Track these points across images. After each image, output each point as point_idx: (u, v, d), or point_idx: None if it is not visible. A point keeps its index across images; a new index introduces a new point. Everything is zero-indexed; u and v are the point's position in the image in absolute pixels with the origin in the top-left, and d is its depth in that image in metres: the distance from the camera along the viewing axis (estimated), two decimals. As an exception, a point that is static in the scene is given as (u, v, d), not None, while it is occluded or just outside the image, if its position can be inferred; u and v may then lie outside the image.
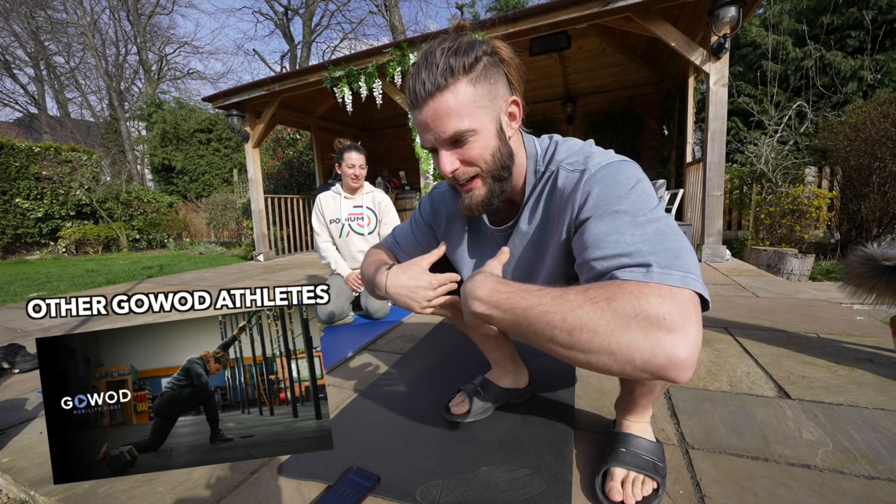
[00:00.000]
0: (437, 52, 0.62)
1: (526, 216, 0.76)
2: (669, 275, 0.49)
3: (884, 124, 3.43)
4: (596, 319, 0.47)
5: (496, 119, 0.66)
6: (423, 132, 0.67)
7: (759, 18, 6.68)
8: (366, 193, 2.23)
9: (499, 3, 10.63)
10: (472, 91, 0.63)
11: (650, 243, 0.53)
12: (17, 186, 7.63)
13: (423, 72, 0.62)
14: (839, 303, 2.06)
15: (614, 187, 0.60)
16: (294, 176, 7.97)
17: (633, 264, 0.52)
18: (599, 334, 0.46)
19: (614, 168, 0.62)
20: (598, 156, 0.66)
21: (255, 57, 30.36)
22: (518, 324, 0.53)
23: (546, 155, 0.74)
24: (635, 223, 0.56)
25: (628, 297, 0.47)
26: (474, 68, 0.63)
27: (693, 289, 0.49)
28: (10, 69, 16.08)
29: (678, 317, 0.45)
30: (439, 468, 0.82)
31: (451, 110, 0.62)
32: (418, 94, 0.63)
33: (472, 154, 0.66)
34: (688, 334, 0.45)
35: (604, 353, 0.47)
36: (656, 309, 0.46)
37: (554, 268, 0.74)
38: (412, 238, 0.97)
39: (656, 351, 0.45)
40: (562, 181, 0.67)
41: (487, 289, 0.57)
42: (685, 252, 0.53)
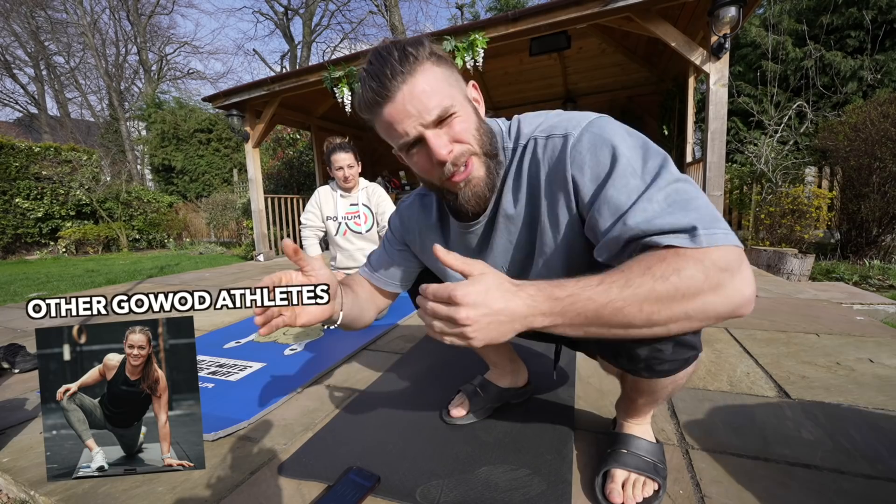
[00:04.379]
0: (387, 47, 0.60)
1: (509, 198, 0.70)
2: (714, 234, 0.50)
3: (884, 124, 3.43)
4: (671, 296, 0.47)
5: (467, 98, 0.64)
6: (401, 122, 0.60)
7: (759, 18, 6.68)
8: (361, 190, 2.21)
9: (499, 3, 10.64)
10: (439, 70, 0.61)
11: (678, 204, 0.53)
12: (17, 186, 7.63)
13: (383, 67, 0.58)
14: (839, 303, 2.06)
15: (607, 148, 0.58)
16: (294, 176, 7.97)
17: (678, 228, 0.51)
18: (676, 306, 0.48)
19: (597, 128, 0.60)
20: (569, 117, 0.63)
21: (255, 57, 30.43)
22: (587, 326, 0.50)
23: (511, 131, 0.70)
24: (649, 184, 0.55)
25: (693, 262, 0.48)
26: (432, 53, 0.61)
27: (735, 244, 0.51)
28: (10, 69, 16.09)
29: (735, 262, 0.49)
30: (439, 468, 0.82)
31: (429, 88, 0.59)
32: (387, 84, 0.58)
33: (459, 129, 0.61)
34: (745, 275, 0.49)
35: (683, 321, 0.49)
36: (719, 263, 0.48)
37: (551, 252, 0.69)
38: (387, 259, 0.90)
39: (727, 301, 0.49)
40: (541, 151, 0.64)
41: (541, 300, 0.50)
42: (710, 205, 0.54)
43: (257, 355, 1.58)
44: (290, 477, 0.82)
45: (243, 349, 1.68)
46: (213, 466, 0.87)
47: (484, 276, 0.50)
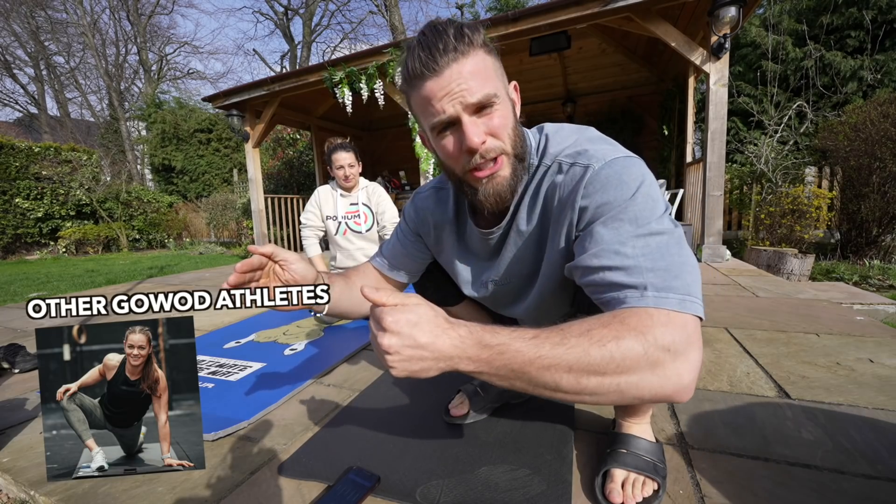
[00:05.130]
0: (443, 24, 0.58)
1: (524, 215, 0.71)
2: (666, 298, 0.49)
3: (884, 124, 3.43)
4: (604, 364, 0.45)
5: (508, 96, 0.64)
6: (442, 98, 0.57)
7: (759, 18, 6.68)
8: (361, 189, 2.21)
9: (499, 3, 10.63)
10: (490, 59, 0.60)
11: (650, 258, 0.52)
12: (17, 186, 7.63)
13: (437, 40, 0.56)
14: (839, 303, 2.06)
15: (620, 189, 0.57)
16: (294, 176, 7.98)
17: (629, 284, 0.51)
18: (608, 377, 0.46)
19: (619, 167, 0.59)
20: (598, 148, 0.62)
21: (255, 57, 30.39)
22: (513, 379, 0.48)
23: (539, 148, 0.70)
24: (638, 234, 0.54)
25: (634, 335, 0.46)
26: (486, 42, 0.60)
27: (692, 313, 0.49)
28: (10, 69, 16.09)
29: (681, 343, 0.47)
30: (439, 468, 0.82)
31: (478, 72, 0.57)
32: (437, 58, 0.56)
33: (497, 123, 0.60)
34: (690, 360, 0.47)
35: (613, 394, 0.47)
36: (662, 341, 0.46)
37: (551, 274, 0.71)
38: (400, 248, 0.92)
39: (664, 382, 0.46)
40: (561, 177, 0.64)
41: (470, 343, 0.47)
42: (686, 269, 0.52)
43: (257, 355, 1.58)
44: (290, 477, 0.82)
45: (243, 349, 1.68)
46: (213, 466, 0.87)
47: (418, 307, 0.48)
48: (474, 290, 0.87)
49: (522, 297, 0.83)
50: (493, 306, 0.94)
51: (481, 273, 0.85)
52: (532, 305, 0.81)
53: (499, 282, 0.82)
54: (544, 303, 0.80)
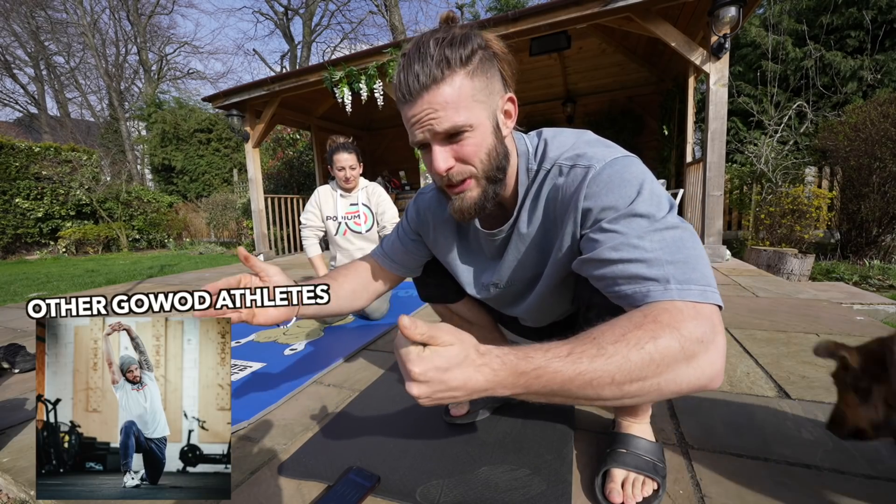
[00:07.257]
0: (431, 42, 0.58)
1: (525, 218, 0.72)
2: (689, 290, 0.50)
3: (884, 124, 3.43)
4: (645, 367, 0.46)
5: (493, 116, 0.63)
6: (415, 127, 0.62)
7: (759, 18, 6.68)
8: (361, 189, 2.20)
9: (499, 3, 10.63)
10: (469, 84, 0.59)
11: (668, 251, 0.52)
12: (17, 186, 7.64)
13: (415, 64, 0.58)
14: (839, 303, 2.06)
15: (624, 188, 0.57)
16: (294, 176, 7.98)
17: (651, 276, 0.51)
18: (649, 380, 0.46)
19: (619, 166, 0.59)
20: (597, 150, 0.63)
21: (255, 57, 30.42)
22: (552, 396, 0.48)
23: (538, 153, 0.71)
24: (654, 228, 0.54)
25: (669, 332, 0.47)
26: (471, 61, 0.59)
27: (713, 302, 0.50)
28: (10, 69, 16.09)
29: (710, 333, 0.48)
30: (439, 468, 0.82)
31: (448, 103, 0.58)
32: (411, 86, 0.59)
33: (468, 151, 0.62)
34: (719, 346, 0.48)
35: (653, 393, 0.48)
36: (695, 333, 0.47)
37: (554, 275, 0.72)
38: (401, 247, 0.94)
39: (700, 373, 0.47)
40: (562, 179, 0.64)
41: (504, 375, 0.46)
42: (703, 261, 0.53)
43: (257, 355, 1.59)
44: (290, 477, 0.82)
45: (243, 349, 1.68)
46: (213, 466, 0.87)
47: (447, 350, 0.45)
48: (476, 290, 0.88)
49: (524, 298, 0.83)
50: (494, 305, 0.94)
51: (483, 274, 0.85)
52: (533, 305, 0.82)
53: (501, 285, 0.83)
54: (545, 302, 0.81)
